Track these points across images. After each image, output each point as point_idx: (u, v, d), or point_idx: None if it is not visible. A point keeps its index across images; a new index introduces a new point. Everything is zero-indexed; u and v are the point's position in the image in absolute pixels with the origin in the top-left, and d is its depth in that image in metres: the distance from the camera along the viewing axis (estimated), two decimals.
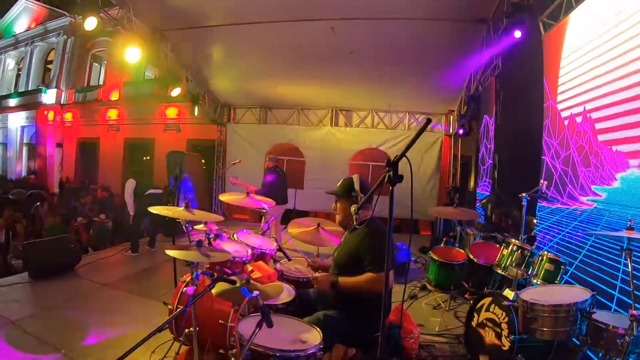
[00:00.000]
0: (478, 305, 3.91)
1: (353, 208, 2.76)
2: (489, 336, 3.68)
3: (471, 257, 5.22)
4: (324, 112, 12.17)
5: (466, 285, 5.31)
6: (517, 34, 6.40)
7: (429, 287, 5.58)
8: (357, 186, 3.29)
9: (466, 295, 5.43)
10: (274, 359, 2.36)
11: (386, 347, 2.37)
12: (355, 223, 3.09)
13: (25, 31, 23.42)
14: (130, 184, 8.65)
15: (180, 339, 3.59)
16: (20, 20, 24.10)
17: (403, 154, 1.98)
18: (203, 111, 12.21)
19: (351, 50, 8.68)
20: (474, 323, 3.92)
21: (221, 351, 3.29)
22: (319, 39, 8.38)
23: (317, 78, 10.14)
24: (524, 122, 6.94)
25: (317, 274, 3.29)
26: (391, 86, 9.94)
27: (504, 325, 3.53)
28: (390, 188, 1.99)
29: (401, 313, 3.67)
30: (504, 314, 3.55)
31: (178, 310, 3.29)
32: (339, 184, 3.48)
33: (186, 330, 3.41)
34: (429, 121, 2.02)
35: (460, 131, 10.04)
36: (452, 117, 10.98)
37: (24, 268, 7.08)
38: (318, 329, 2.68)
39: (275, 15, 7.92)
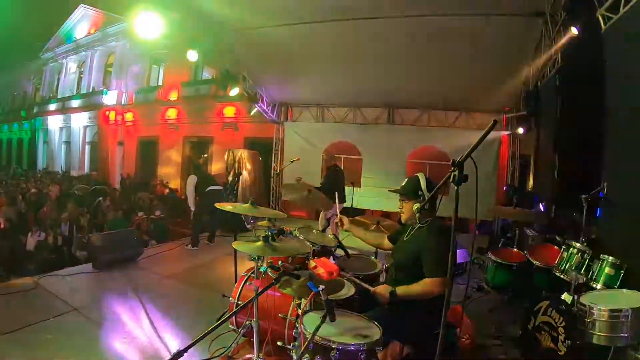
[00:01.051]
0: (535, 308, 3.87)
1: (415, 207, 2.90)
2: (545, 340, 3.65)
3: (530, 258, 5.20)
4: (380, 110, 12.29)
5: (524, 288, 5.22)
6: (574, 31, 6.36)
7: (486, 287, 5.60)
8: (423, 185, 3.32)
9: (523, 298, 5.17)
10: (335, 352, 2.43)
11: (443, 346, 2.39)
12: (418, 222, 3.27)
13: (85, 36, 25.28)
14: (192, 180, 8.85)
15: (240, 330, 3.79)
16: (80, 26, 26.12)
17: (469, 154, 2.05)
18: (260, 110, 12.61)
19: (406, 47, 8.79)
20: (530, 326, 3.89)
21: (279, 343, 3.37)
22: (374, 37, 8.55)
23: (373, 75, 10.22)
24: (585, 120, 6.86)
25: (375, 287, 3.29)
26: (447, 83, 9.93)
27: (560, 330, 3.50)
28: (456, 188, 2.07)
29: (461, 315, 3.81)
30: (561, 318, 3.52)
31: (244, 303, 3.39)
32: (404, 183, 3.47)
33: (247, 322, 3.65)
34: (495, 123, 2.02)
35: (520, 130, 9.85)
36: (510, 114, 10.64)
37: (88, 259, 7.54)
38: (378, 325, 2.73)
39: (331, 14, 8.13)
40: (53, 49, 28.82)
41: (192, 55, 9.64)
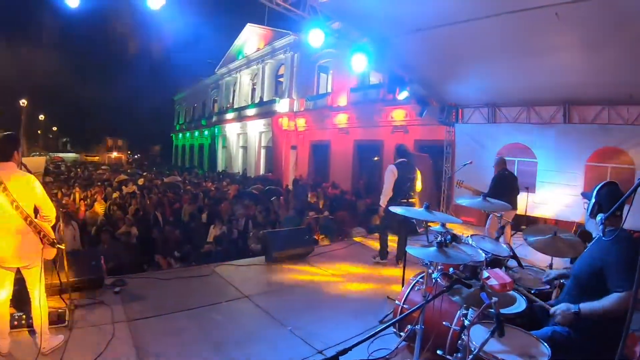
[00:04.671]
0: None
1: (599, 217, 2.72)
2: None
3: None
4: (555, 108, 11.41)
5: None
6: None
7: None
8: (594, 192, 3.17)
9: None
10: None
11: None
12: (602, 234, 2.91)
13: (255, 51, 29.40)
14: (392, 171, 7.58)
15: (401, 333, 3.81)
16: (249, 43, 30.62)
17: None
18: (430, 112, 12.68)
19: (580, 35, 8.07)
20: None
21: (439, 352, 3.41)
22: (543, 28, 7.98)
23: (546, 71, 9.57)
24: None
25: (556, 308, 3.06)
26: (631, 75, 8.90)
27: None
28: None
29: None
30: None
31: (412, 308, 3.47)
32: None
33: (410, 326, 3.66)
34: None
35: None
36: None
37: (261, 252, 8.16)
38: (547, 345, 2.66)
39: (494, 8, 7.91)
40: (227, 64, 34.35)
41: (359, 62, 9.80)
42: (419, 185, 7.92)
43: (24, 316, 4.29)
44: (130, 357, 4.06)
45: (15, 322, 4.25)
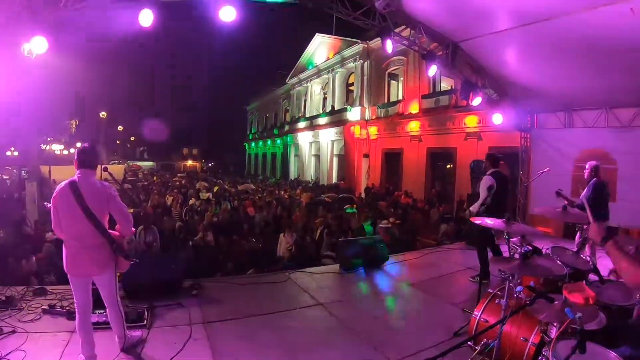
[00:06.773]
0: None
1: None
2: None
3: None
4: (635, 109, 10.72)
5: None
6: None
7: None
8: None
9: None
10: None
11: None
12: None
13: (325, 61, 30.49)
14: (487, 182, 6.96)
15: (476, 347, 3.77)
16: (319, 52, 31.87)
17: None
18: (504, 118, 12.49)
19: None
20: None
21: None
22: (618, 25, 7.41)
23: (623, 70, 9.14)
24: None
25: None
26: None
27: None
28: None
29: None
30: None
31: (492, 323, 3.44)
32: None
33: (485, 340, 3.65)
34: None
35: None
36: None
37: (336, 260, 8.38)
38: None
39: (566, 6, 7.69)
40: (297, 75, 35.82)
41: (431, 69, 10.09)
42: None
43: (104, 313, 4.47)
44: (205, 358, 4.38)
45: (96, 319, 4.55)
